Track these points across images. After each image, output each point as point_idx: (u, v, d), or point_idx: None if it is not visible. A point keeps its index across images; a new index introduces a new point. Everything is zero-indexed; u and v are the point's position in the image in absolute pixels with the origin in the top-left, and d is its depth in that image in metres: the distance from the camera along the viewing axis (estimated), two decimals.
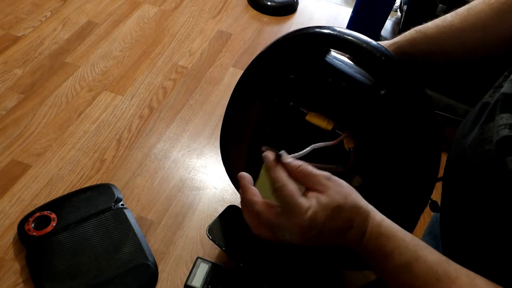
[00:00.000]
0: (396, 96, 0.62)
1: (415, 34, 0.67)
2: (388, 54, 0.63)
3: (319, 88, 0.66)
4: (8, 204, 0.93)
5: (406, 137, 0.63)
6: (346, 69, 0.65)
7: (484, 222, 0.48)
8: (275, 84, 0.70)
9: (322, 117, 0.64)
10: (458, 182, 0.53)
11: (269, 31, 1.53)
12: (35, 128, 1.08)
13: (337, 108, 0.64)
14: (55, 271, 0.80)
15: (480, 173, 0.47)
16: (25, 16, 1.38)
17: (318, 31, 0.67)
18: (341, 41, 0.65)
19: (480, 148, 0.46)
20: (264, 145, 0.70)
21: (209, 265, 0.85)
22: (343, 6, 1.73)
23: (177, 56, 1.35)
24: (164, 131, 1.13)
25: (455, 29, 0.62)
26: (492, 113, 0.47)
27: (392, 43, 0.68)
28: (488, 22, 0.59)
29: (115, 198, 0.93)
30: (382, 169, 0.64)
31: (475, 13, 0.61)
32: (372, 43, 0.64)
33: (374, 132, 0.63)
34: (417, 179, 0.65)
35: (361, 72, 0.64)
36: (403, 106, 0.63)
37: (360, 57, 0.64)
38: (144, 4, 1.52)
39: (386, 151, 0.63)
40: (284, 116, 0.68)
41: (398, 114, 0.62)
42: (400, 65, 0.64)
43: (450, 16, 0.64)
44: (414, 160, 0.63)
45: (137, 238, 0.87)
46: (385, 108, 0.62)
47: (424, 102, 0.64)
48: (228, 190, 1.02)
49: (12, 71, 1.21)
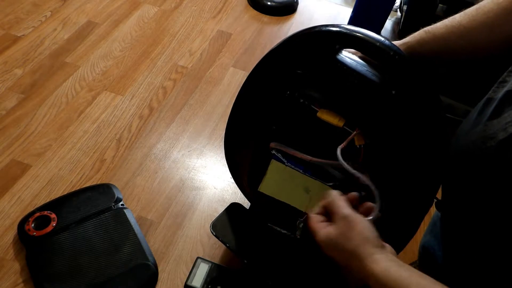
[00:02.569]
0: (407, 96, 0.63)
1: (424, 34, 0.67)
2: (401, 53, 0.64)
3: (331, 85, 0.66)
4: (8, 204, 0.93)
5: (415, 137, 0.63)
6: (358, 68, 0.65)
7: (485, 218, 0.48)
8: (287, 80, 0.70)
9: (333, 113, 0.65)
10: (459, 178, 0.53)
11: (269, 31, 1.53)
12: (35, 128, 1.08)
13: (349, 105, 0.65)
14: (55, 271, 0.80)
15: (482, 169, 0.47)
16: (25, 16, 1.38)
17: (331, 29, 0.68)
18: (355, 39, 0.65)
19: (484, 144, 0.46)
20: (272, 142, 0.70)
21: (209, 265, 0.86)
22: (343, 6, 1.73)
23: (177, 56, 1.35)
24: (164, 131, 1.13)
25: (464, 29, 0.62)
26: (496, 110, 0.47)
27: (401, 43, 0.69)
28: (497, 21, 0.60)
29: (115, 198, 0.93)
30: (390, 168, 0.64)
31: (484, 13, 0.61)
32: (385, 42, 0.64)
33: (385, 131, 0.63)
34: (425, 179, 0.65)
35: (372, 71, 0.65)
36: (414, 106, 0.63)
37: (373, 55, 0.65)
38: (144, 4, 1.52)
39: (394, 150, 0.63)
40: (295, 113, 0.68)
41: (409, 114, 0.63)
42: (412, 65, 0.64)
43: (459, 16, 0.64)
44: (421, 160, 0.64)
45: (137, 238, 0.87)
46: (396, 108, 0.63)
47: (435, 102, 0.64)
48: (228, 190, 1.02)
49: (12, 71, 1.21)
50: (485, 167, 0.46)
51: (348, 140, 0.63)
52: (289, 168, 0.69)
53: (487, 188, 0.47)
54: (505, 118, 0.44)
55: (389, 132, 0.63)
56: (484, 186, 0.47)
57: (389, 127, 0.63)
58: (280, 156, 0.70)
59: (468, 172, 0.51)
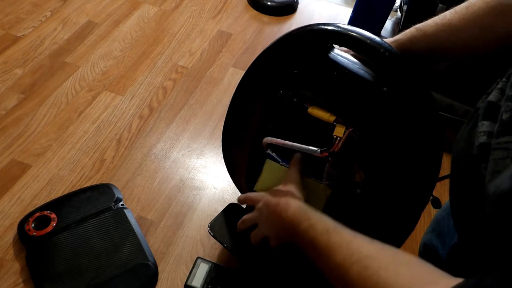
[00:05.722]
0: (398, 92, 0.63)
1: (415, 32, 0.68)
2: (392, 50, 0.64)
3: (322, 83, 0.67)
4: (8, 204, 0.93)
5: (408, 134, 0.63)
6: (349, 65, 0.65)
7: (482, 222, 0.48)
8: (280, 80, 0.70)
9: (324, 110, 0.65)
10: (458, 181, 0.54)
11: (269, 31, 1.53)
12: (35, 128, 1.08)
13: (340, 103, 0.65)
14: (55, 271, 0.80)
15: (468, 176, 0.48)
16: (25, 16, 1.38)
17: (323, 27, 0.68)
18: (345, 37, 0.65)
19: (469, 151, 0.47)
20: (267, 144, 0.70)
21: (209, 265, 0.86)
22: (343, 6, 1.73)
23: (177, 56, 1.35)
24: (164, 131, 1.13)
25: (454, 27, 0.63)
26: (477, 119, 0.48)
27: (393, 41, 0.69)
28: (486, 20, 0.60)
29: (115, 198, 0.93)
30: (384, 166, 0.65)
31: (473, 11, 0.61)
32: (376, 39, 0.64)
33: (377, 128, 0.64)
34: (419, 176, 0.65)
35: (364, 69, 0.65)
36: (406, 103, 0.63)
37: (364, 52, 0.65)
38: (144, 4, 1.52)
39: (388, 147, 0.64)
40: (288, 112, 0.68)
41: (401, 111, 0.63)
42: (403, 62, 0.65)
43: (449, 14, 0.65)
44: (416, 157, 0.64)
45: (137, 238, 0.87)
46: (388, 105, 0.63)
47: (426, 99, 0.65)
48: (228, 190, 1.02)
49: (12, 71, 1.21)
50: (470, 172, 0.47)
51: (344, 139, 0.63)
52: (284, 167, 0.69)
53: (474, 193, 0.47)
54: (479, 127, 0.46)
55: (382, 128, 0.63)
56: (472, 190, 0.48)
57: (382, 123, 0.63)
58: (275, 155, 0.70)
59: (462, 176, 0.52)
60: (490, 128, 0.45)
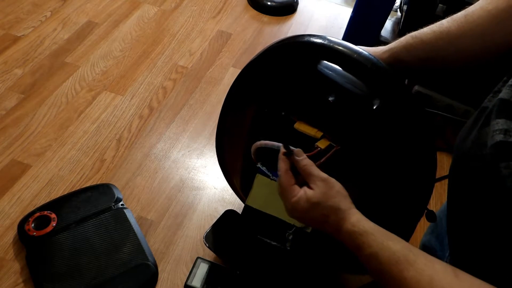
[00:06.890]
0: (387, 107, 0.61)
1: (411, 40, 0.65)
2: (379, 64, 0.62)
3: (309, 98, 0.65)
4: (8, 204, 0.93)
5: (398, 152, 0.62)
6: (337, 79, 0.62)
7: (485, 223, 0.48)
8: (266, 92, 0.68)
9: (311, 125, 0.63)
10: (460, 184, 0.54)
11: (269, 31, 1.53)
12: (35, 128, 1.08)
13: (327, 120, 0.63)
14: (55, 271, 0.80)
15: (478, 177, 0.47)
16: (25, 16, 1.38)
17: (309, 40, 0.66)
18: (331, 52, 0.63)
19: (478, 152, 0.47)
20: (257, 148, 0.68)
21: (209, 265, 0.86)
22: (343, 6, 1.73)
23: (177, 56, 1.35)
24: (164, 131, 1.13)
25: (453, 36, 0.61)
26: (488, 118, 0.47)
27: (387, 49, 0.67)
28: (487, 29, 0.59)
29: (115, 198, 0.93)
30: (376, 181, 0.63)
31: (473, 20, 0.60)
32: (363, 53, 0.62)
33: (364, 146, 0.62)
34: (412, 190, 0.63)
35: (353, 81, 0.62)
36: (395, 120, 0.61)
37: (350, 68, 0.62)
38: (144, 4, 1.52)
39: (378, 164, 0.62)
40: (275, 126, 0.66)
41: (390, 128, 0.61)
42: (392, 76, 0.63)
43: (447, 22, 0.63)
44: (407, 172, 0.62)
45: (137, 238, 0.87)
46: (378, 120, 0.61)
47: (416, 114, 0.63)
48: (228, 190, 1.02)
49: (12, 71, 1.21)
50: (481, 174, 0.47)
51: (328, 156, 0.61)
52: (274, 182, 0.66)
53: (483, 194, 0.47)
54: (493, 126, 0.45)
55: (370, 145, 0.62)
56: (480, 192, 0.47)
57: (370, 141, 0.61)
58: (265, 169, 0.67)
59: (466, 178, 0.51)
60: (506, 126, 0.43)
